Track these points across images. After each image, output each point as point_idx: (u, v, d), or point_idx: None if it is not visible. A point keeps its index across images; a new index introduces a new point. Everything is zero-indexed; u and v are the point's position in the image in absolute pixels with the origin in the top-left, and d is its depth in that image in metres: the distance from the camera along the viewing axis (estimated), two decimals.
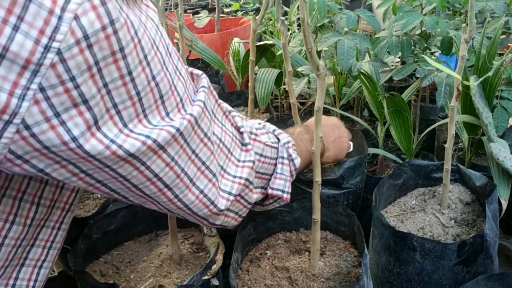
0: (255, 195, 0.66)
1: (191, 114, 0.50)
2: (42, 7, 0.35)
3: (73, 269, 0.87)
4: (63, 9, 0.36)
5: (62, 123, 0.39)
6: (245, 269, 0.88)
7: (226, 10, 2.87)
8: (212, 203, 0.57)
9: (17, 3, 0.35)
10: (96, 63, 0.40)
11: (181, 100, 0.50)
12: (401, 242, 0.88)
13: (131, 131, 0.45)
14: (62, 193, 0.57)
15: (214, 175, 0.56)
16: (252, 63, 1.44)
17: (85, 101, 0.40)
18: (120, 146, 0.44)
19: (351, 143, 1.04)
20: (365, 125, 1.36)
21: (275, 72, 1.45)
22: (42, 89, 0.37)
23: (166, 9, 1.59)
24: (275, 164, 0.69)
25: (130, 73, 0.43)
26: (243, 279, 0.85)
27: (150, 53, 0.45)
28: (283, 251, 0.92)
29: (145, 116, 0.46)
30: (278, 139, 0.71)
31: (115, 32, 0.40)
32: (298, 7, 1.42)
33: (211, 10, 2.78)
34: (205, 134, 0.53)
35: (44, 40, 0.36)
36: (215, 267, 0.87)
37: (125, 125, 0.44)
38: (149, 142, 0.45)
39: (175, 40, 1.83)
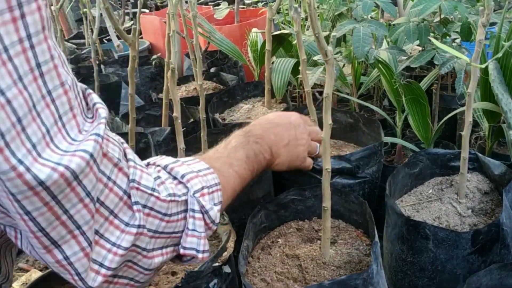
0: (157, 259, 0.54)
1: (65, 166, 0.40)
2: None
3: None
4: None
5: None
6: (256, 257, 0.88)
7: (247, 1, 2.86)
8: (78, 274, 0.45)
9: None
10: None
11: (47, 131, 0.40)
12: (413, 230, 0.87)
13: None
14: None
15: (90, 244, 0.45)
16: (268, 53, 1.44)
17: None
18: None
19: (318, 145, 0.89)
20: (384, 114, 1.34)
21: (291, 61, 1.44)
22: None
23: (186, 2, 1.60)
24: (185, 218, 0.56)
25: None
26: (253, 266, 0.85)
27: None
28: (294, 240, 0.92)
29: (7, 145, 0.37)
30: (188, 188, 0.57)
31: None
32: None
33: (231, 2, 2.78)
34: (88, 193, 0.43)
35: None
36: (226, 254, 0.87)
37: None
38: None
39: (193, 32, 1.84)
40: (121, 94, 1.74)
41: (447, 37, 1.27)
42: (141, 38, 2.61)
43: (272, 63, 1.49)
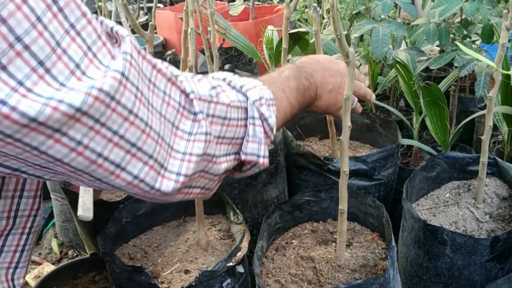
0: (223, 165, 0.57)
1: (98, 88, 0.40)
2: None
3: (102, 252, 0.89)
4: None
5: None
6: (270, 258, 0.88)
7: None
8: (152, 187, 0.48)
9: None
10: None
11: (77, 66, 0.40)
12: (431, 235, 0.85)
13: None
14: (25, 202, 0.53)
15: (151, 157, 0.47)
16: (284, 51, 1.42)
17: None
18: None
19: (356, 98, 0.88)
20: (400, 116, 1.33)
21: None
22: None
23: None
24: (246, 126, 0.59)
25: None
26: (267, 267, 0.85)
27: (7, 5, 0.35)
28: (309, 241, 0.91)
29: (29, 90, 0.37)
30: (247, 97, 0.60)
31: None
32: None
33: None
34: (130, 111, 0.43)
35: None
36: (240, 254, 0.87)
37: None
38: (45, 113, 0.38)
39: (208, 29, 1.84)
40: None
41: (467, 39, 1.25)
42: (155, 33, 2.61)
43: (288, 61, 1.47)
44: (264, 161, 0.60)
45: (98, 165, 0.43)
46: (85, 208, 0.80)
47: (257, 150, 0.59)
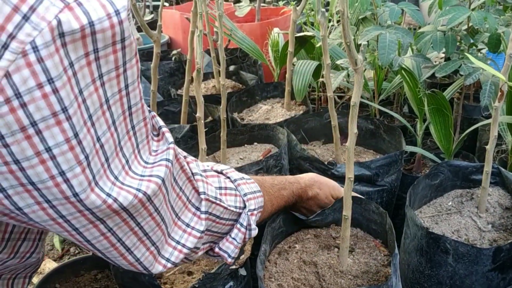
0: (201, 252, 0.63)
1: (144, 192, 0.47)
2: None
3: None
4: None
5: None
6: (273, 261, 0.88)
7: None
8: (146, 269, 0.54)
9: None
10: (33, 124, 0.37)
11: (127, 162, 0.46)
12: (434, 243, 0.86)
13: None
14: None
15: (154, 244, 0.53)
16: (290, 55, 1.43)
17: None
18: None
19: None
20: (404, 122, 1.33)
21: (313, 64, 1.44)
22: None
23: None
24: (232, 225, 0.66)
25: (76, 135, 0.39)
26: (270, 271, 0.85)
27: (97, 112, 0.42)
28: (312, 246, 0.92)
29: (96, 183, 0.43)
30: (245, 205, 0.67)
31: (55, 91, 0.37)
32: None
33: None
34: (156, 209, 0.50)
35: None
36: (243, 257, 0.87)
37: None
38: (107, 203, 0.44)
39: (214, 29, 1.84)
40: None
41: (473, 47, 1.26)
42: (161, 32, 2.62)
43: (293, 64, 1.48)
44: (230, 261, 0.67)
45: (115, 248, 0.49)
46: None
47: (231, 251, 0.66)
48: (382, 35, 1.14)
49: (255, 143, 1.32)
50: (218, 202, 0.60)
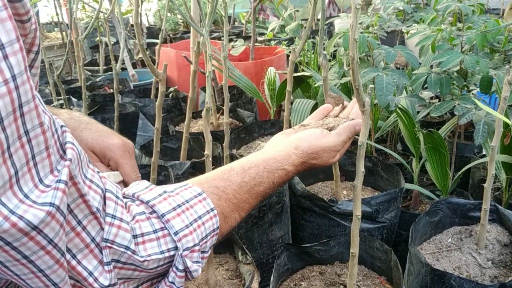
0: None
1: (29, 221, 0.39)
2: None
3: None
4: None
5: None
6: None
7: (259, 38, 2.93)
8: None
9: None
10: None
11: (15, 173, 0.39)
12: (438, 280, 0.87)
13: None
14: None
15: (54, 284, 0.45)
16: (289, 93, 1.46)
17: None
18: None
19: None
20: (400, 159, 1.37)
21: (310, 103, 1.47)
22: None
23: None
24: (169, 267, 0.54)
25: None
26: None
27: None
28: (318, 284, 0.93)
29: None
30: (177, 246, 0.53)
31: None
32: (336, 42, 1.45)
33: (246, 38, 2.84)
34: (50, 240, 0.42)
35: None
36: None
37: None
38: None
39: (216, 70, 1.89)
40: (138, 124, 1.76)
41: (465, 88, 1.31)
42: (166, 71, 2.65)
43: (291, 103, 1.52)
44: None
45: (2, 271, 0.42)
46: None
47: None
48: (379, 77, 1.19)
49: None
50: (129, 252, 0.49)
